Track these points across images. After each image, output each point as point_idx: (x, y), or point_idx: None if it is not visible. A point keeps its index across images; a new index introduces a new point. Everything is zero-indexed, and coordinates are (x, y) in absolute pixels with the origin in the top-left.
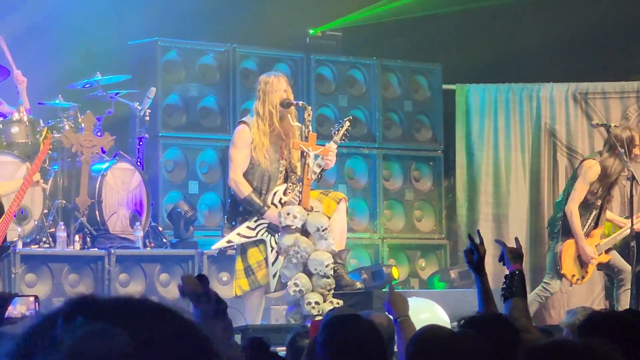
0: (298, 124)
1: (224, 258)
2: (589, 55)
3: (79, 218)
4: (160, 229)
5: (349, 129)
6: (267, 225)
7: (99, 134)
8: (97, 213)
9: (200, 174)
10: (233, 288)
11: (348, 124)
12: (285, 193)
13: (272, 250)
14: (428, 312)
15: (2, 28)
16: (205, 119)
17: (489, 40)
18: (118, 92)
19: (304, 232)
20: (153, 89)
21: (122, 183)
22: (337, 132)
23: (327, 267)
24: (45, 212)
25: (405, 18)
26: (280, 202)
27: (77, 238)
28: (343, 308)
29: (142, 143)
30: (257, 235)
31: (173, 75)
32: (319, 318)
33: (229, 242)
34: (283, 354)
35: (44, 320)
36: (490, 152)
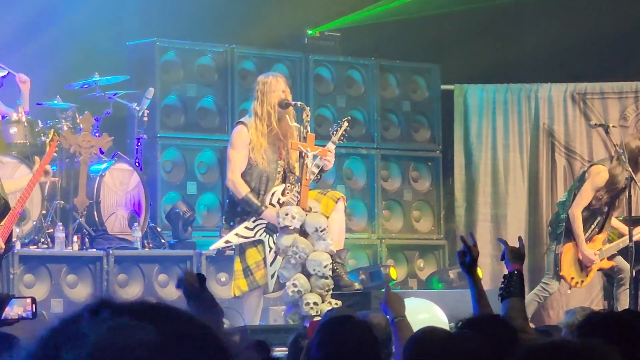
0: (296, 125)
1: (223, 258)
2: (588, 56)
3: (78, 219)
4: (159, 230)
5: (347, 130)
6: (265, 226)
7: (97, 135)
8: (95, 214)
9: (199, 175)
10: (232, 289)
11: (346, 125)
12: (284, 193)
13: (270, 251)
14: (427, 312)
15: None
16: (204, 120)
17: (488, 41)
18: (116, 92)
19: (303, 232)
20: (151, 90)
21: (120, 184)
22: (335, 132)
23: (325, 267)
24: (44, 212)
25: (404, 18)
26: (279, 202)
27: (75, 239)
28: (342, 308)
29: (140, 144)
30: (255, 236)
31: (171, 76)
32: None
33: (227, 242)
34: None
35: (70, 317)
36: (489, 152)
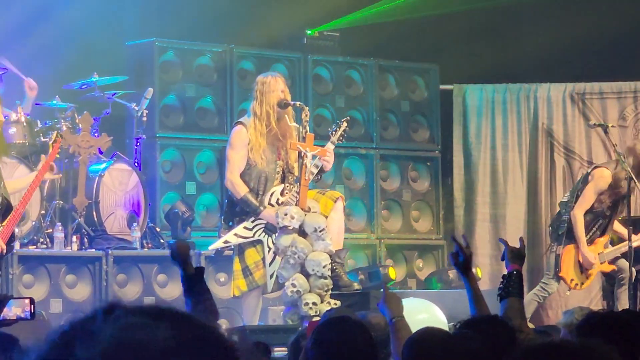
0: (295, 125)
1: (222, 259)
2: (586, 56)
3: (77, 219)
4: (158, 230)
5: (346, 130)
6: (264, 226)
7: (96, 135)
8: (94, 214)
9: (198, 175)
10: (231, 289)
11: (345, 125)
12: (283, 194)
13: (269, 251)
14: (426, 312)
15: None
16: (203, 120)
17: (487, 41)
18: (115, 92)
19: (302, 232)
20: (150, 90)
21: (119, 184)
22: (334, 132)
23: (324, 267)
24: (43, 212)
25: (403, 19)
26: (278, 202)
27: (74, 239)
28: (341, 308)
29: (139, 144)
30: (254, 236)
31: (170, 76)
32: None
33: (226, 242)
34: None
35: (83, 316)
36: (488, 152)
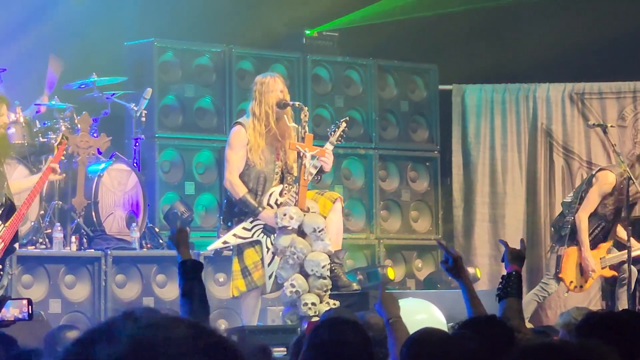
0: (294, 125)
1: (220, 259)
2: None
3: (76, 219)
4: (157, 230)
5: (346, 130)
6: (263, 226)
7: (95, 135)
8: (93, 214)
9: (197, 175)
10: (230, 289)
11: (344, 125)
12: (281, 194)
13: (267, 251)
14: (424, 312)
15: None
16: (202, 120)
17: (486, 41)
18: (114, 93)
19: (301, 233)
20: (149, 90)
21: (118, 184)
22: (333, 133)
23: (323, 268)
24: (42, 213)
25: (402, 19)
26: (276, 203)
27: (73, 239)
28: (340, 309)
29: (138, 144)
30: (253, 236)
31: (169, 76)
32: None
33: (225, 242)
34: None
35: (105, 320)
36: (487, 152)
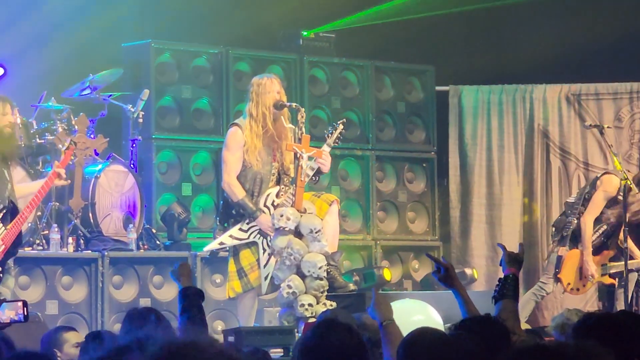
0: (291, 126)
1: (217, 260)
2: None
3: (73, 220)
4: (154, 231)
5: (343, 132)
6: (259, 227)
7: (92, 136)
8: (90, 215)
9: (194, 176)
10: (226, 290)
11: (341, 127)
12: (278, 195)
13: (264, 253)
14: (421, 313)
15: None
16: (199, 121)
17: (482, 42)
18: (111, 94)
19: (297, 234)
20: (146, 91)
21: (115, 185)
22: (330, 134)
23: (320, 269)
24: (39, 214)
25: (399, 20)
26: (273, 204)
27: (70, 240)
28: (336, 310)
29: (135, 145)
30: (249, 237)
31: (166, 77)
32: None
33: (222, 244)
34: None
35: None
36: (484, 153)
